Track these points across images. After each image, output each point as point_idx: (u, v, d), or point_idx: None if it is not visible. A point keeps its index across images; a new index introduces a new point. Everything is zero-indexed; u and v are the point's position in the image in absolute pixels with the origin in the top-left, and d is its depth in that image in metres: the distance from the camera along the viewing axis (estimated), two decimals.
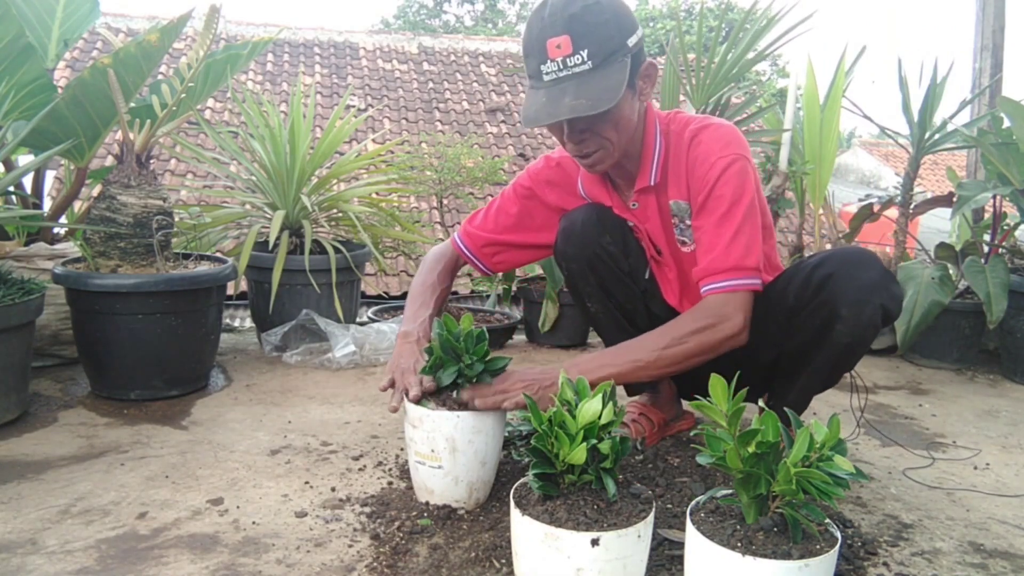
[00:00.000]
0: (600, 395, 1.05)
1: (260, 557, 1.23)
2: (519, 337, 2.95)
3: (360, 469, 1.60)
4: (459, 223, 6.51)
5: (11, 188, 2.43)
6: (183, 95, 2.12)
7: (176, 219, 2.25)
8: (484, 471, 1.39)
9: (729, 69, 2.78)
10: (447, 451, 1.34)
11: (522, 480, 1.11)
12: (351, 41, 10.20)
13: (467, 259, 1.71)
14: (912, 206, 3.01)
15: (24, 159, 2.60)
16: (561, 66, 1.30)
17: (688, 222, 1.51)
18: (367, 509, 1.40)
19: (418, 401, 1.36)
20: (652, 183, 1.50)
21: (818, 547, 0.93)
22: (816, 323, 1.44)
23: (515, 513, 1.04)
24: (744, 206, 1.39)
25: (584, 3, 1.30)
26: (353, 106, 7.78)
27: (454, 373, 1.35)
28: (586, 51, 1.29)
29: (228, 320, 3.13)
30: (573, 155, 1.46)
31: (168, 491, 1.46)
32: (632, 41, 1.34)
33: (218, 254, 2.38)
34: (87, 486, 1.47)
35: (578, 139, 1.40)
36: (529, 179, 1.67)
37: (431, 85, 9.33)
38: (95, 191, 2.40)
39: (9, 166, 2.42)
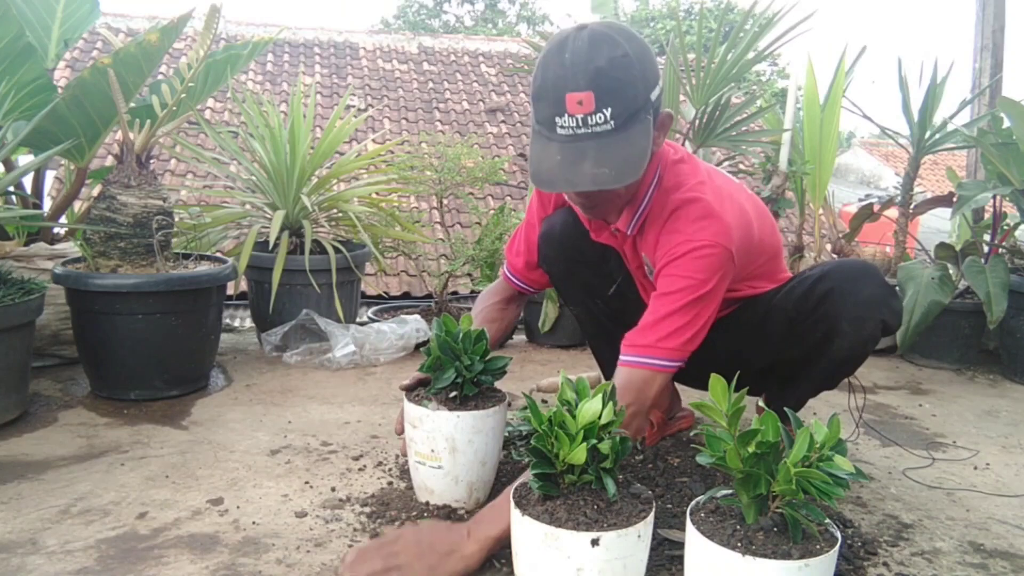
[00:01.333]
0: (600, 395, 1.05)
1: (260, 557, 1.23)
2: (519, 337, 2.95)
3: (360, 469, 1.60)
4: (459, 223, 6.53)
5: (11, 188, 2.43)
6: (183, 95, 2.12)
7: (176, 219, 2.25)
8: (484, 471, 1.39)
9: (729, 69, 2.78)
10: (447, 451, 1.34)
11: (522, 480, 1.11)
12: (351, 41, 10.20)
13: (515, 285, 1.69)
14: (912, 206, 3.01)
15: (24, 159, 2.60)
16: (580, 123, 1.19)
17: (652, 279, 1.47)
18: (367, 509, 1.40)
19: (408, 389, 1.36)
20: (629, 233, 1.45)
21: (818, 547, 0.93)
22: (816, 336, 1.44)
23: (515, 513, 1.04)
24: (695, 293, 1.30)
25: (611, 54, 1.18)
26: (353, 106, 7.79)
27: (452, 373, 1.35)
28: (610, 110, 1.18)
29: (228, 320, 3.13)
30: (573, 203, 1.41)
31: (168, 491, 1.46)
32: (655, 94, 1.25)
33: (218, 254, 2.38)
34: (87, 486, 1.47)
35: (587, 196, 1.34)
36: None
37: (431, 85, 9.33)
38: (95, 191, 2.40)
39: (9, 166, 2.41)
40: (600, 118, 1.19)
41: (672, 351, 1.30)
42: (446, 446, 1.34)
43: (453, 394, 1.37)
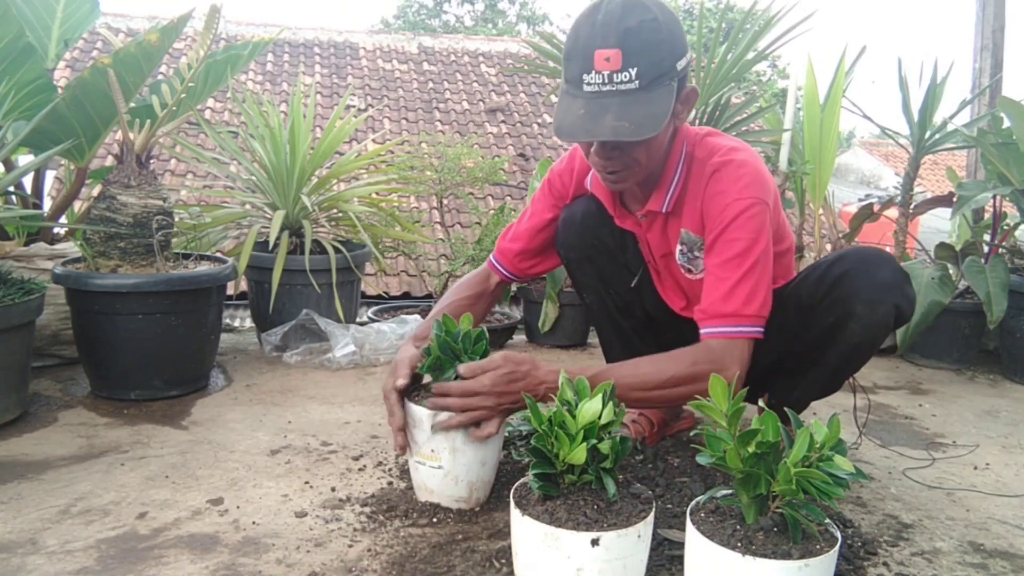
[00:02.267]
0: (600, 395, 1.05)
1: (260, 557, 1.23)
2: (519, 337, 2.95)
3: (360, 469, 1.60)
4: (459, 223, 6.52)
5: (11, 188, 2.43)
6: (183, 95, 2.12)
7: (176, 219, 2.25)
8: (484, 471, 1.39)
9: (729, 69, 2.78)
10: (447, 451, 1.34)
11: (522, 480, 1.11)
12: (351, 41, 10.20)
13: (500, 274, 1.68)
14: (912, 206, 3.01)
15: (24, 159, 2.60)
16: (606, 79, 1.22)
17: (697, 253, 1.48)
18: (367, 509, 1.40)
19: (407, 392, 1.36)
20: (664, 210, 1.45)
21: (818, 547, 0.93)
22: (829, 320, 1.44)
23: (515, 513, 1.04)
24: (755, 253, 1.34)
25: (642, 17, 1.21)
26: (353, 106, 7.79)
27: (452, 373, 1.35)
28: (635, 69, 1.21)
29: (228, 320, 3.13)
30: (596, 168, 1.40)
31: (168, 491, 1.46)
32: (681, 64, 1.27)
33: (218, 254, 2.38)
34: (87, 486, 1.47)
35: (607, 155, 1.34)
36: (559, 179, 1.64)
37: (431, 85, 9.33)
38: (95, 191, 2.40)
39: (9, 166, 2.41)
40: (626, 76, 1.22)
41: (756, 318, 1.34)
42: (446, 446, 1.34)
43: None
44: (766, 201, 1.36)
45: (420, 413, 1.35)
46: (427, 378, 1.44)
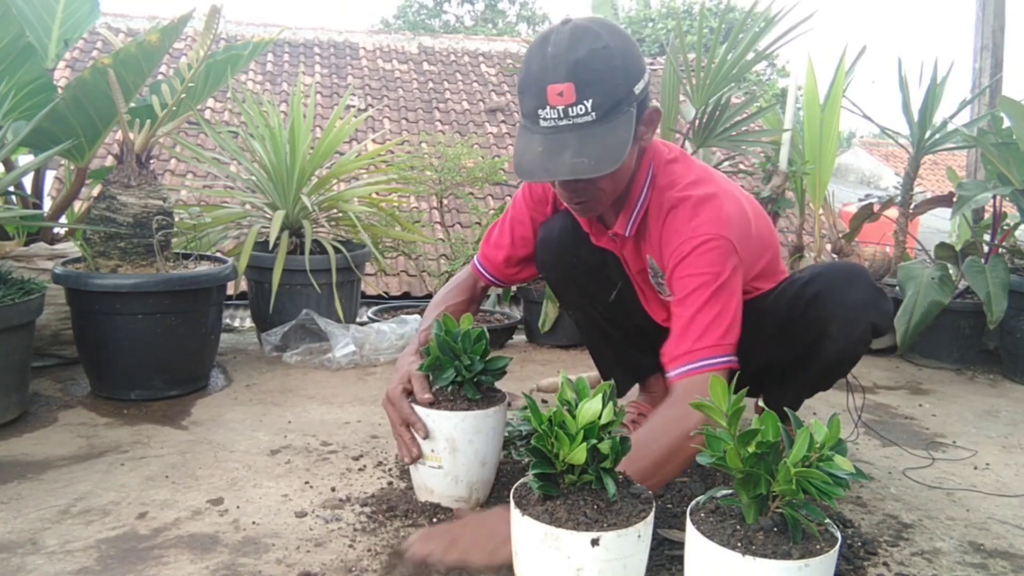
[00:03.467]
0: (600, 395, 1.04)
1: (260, 557, 1.23)
2: (519, 337, 2.95)
3: (360, 469, 1.60)
4: (459, 223, 6.52)
5: (11, 188, 2.43)
6: (183, 95, 2.12)
7: (176, 219, 2.25)
8: (484, 471, 1.39)
9: (729, 69, 2.78)
10: (447, 451, 1.34)
11: (522, 480, 1.11)
12: (351, 41, 10.20)
13: (485, 279, 1.66)
14: (912, 206, 3.01)
15: (24, 159, 2.60)
16: (561, 114, 1.20)
17: (662, 280, 1.45)
18: (367, 509, 1.40)
19: (429, 403, 1.35)
20: (627, 234, 1.44)
21: (818, 547, 0.93)
22: (807, 339, 1.44)
23: (515, 513, 1.03)
24: (715, 284, 1.28)
25: (592, 46, 1.18)
26: (353, 106, 7.78)
27: (452, 373, 1.35)
28: (591, 101, 1.18)
29: (228, 320, 3.13)
30: (563, 199, 1.39)
31: (168, 491, 1.46)
32: (639, 88, 1.24)
33: (218, 254, 2.38)
34: (87, 486, 1.47)
35: (572, 188, 1.32)
36: (534, 189, 1.63)
37: (431, 85, 9.33)
38: (95, 191, 2.40)
39: (9, 166, 2.41)
40: (581, 109, 1.19)
41: (714, 348, 1.27)
42: (446, 446, 1.34)
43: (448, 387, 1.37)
44: (724, 235, 1.30)
45: (420, 413, 1.35)
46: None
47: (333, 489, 1.49)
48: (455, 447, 1.34)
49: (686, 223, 1.32)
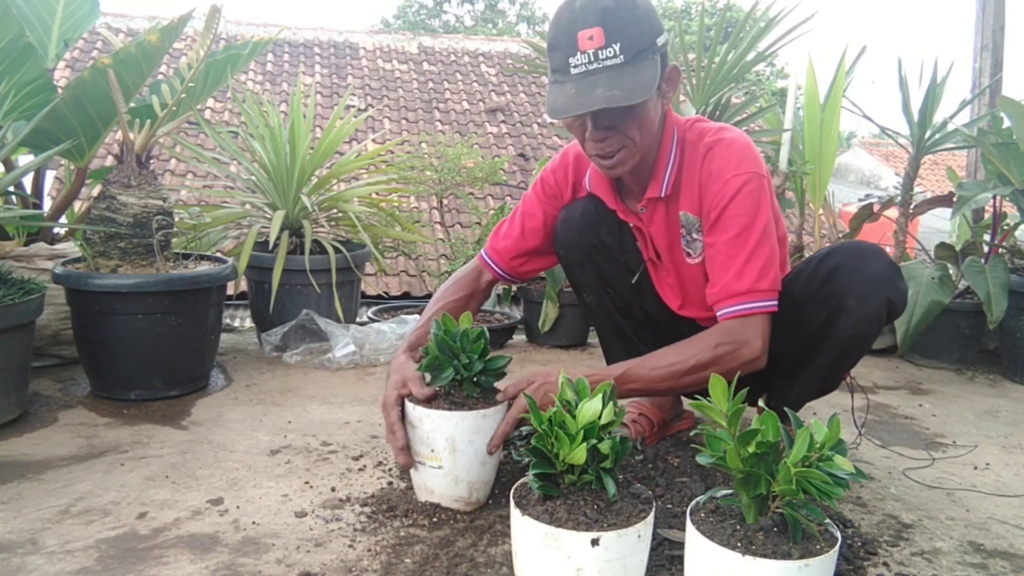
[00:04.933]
0: (600, 395, 1.05)
1: (260, 557, 1.23)
2: (519, 337, 2.95)
3: (360, 469, 1.60)
4: (459, 223, 6.53)
5: (11, 188, 2.43)
6: (183, 95, 2.12)
7: (176, 219, 2.25)
8: (484, 471, 1.39)
9: (729, 70, 2.78)
10: (447, 451, 1.34)
11: (522, 480, 1.11)
12: (351, 41, 10.20)
13: (492, 271, 1.67)
14: (912, 206, 3.01)
15: (24, 159, 2.60)
16: (592, 58, 1.27)
17: (695, 235, 1.49)
18: (367, 509, 1.40)
19: (429, 400, 1.35)
20: (663, 195, 1.47)
21: (818, 547, 0.93)
22: (823, 315, 1.44)
23: (515, 513, 1.04)
24: (759, 228, 1.37)
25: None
26: (353, 106, 7.78)
27: (451, 372, 1.35)
28: (619, 45, 1.26)
29: (228, 320, 3.13)
30: (593, 154, 1.41)
31: (168, 491, 1.46)
32: (661, 41, 1.32)
33: (218, 254, 2.38)
34: (87, 486, 1.47)
35: (601, 136, 1.35)
36: (552, 176, 1.64)
37: (431, 85, 9.33)
38: (95, 191, 2.40)
39: (9, 166, 2.42)
40: (610, 52, 1.27)
41: (769, 292, 1.37)
42: (446, 446, 1.34)
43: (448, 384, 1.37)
44: (762, 174, 1.40)
45: (420, 413, 1.35)
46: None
47: (333, 489, 1.49)
48: (455, 447, 1.34)
49: (727, 161, 1.40)
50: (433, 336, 1.35)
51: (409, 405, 1.37)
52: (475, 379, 1.38)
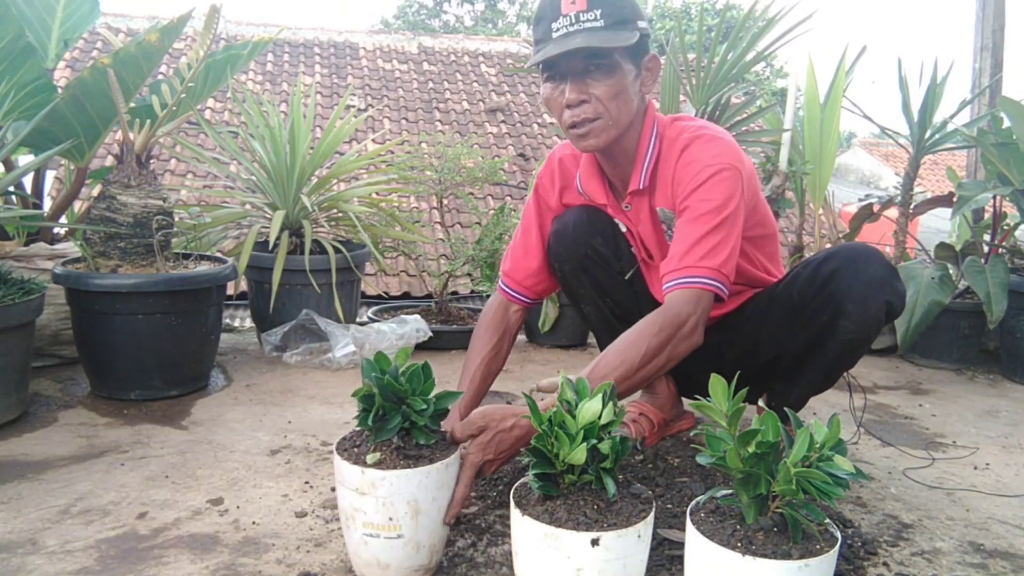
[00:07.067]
0: (600, 395, 1.04)
1: (260, 557, 1.23)
2: (519, 337, 2.95)
3: None
4: (459, 223, 6.52)
5: (11, 188, 2.43)
6: (183, 95, 2.12)
7: (176, 219, 2.25)
8: (444, 531, 1.18)
9: (729, 69, 2.78)
10: (408, 516, 1.10)
11: (522, 480, 1.11)
12: (351, 41, 10.20)
13: (515, 300, 1.65)
14: (912, 206, 3.01)
15: (24, 159, 2.60)
16: (573, 20, 1.31)
17: (674, 231, 1.49)
18: None
19: (345, 454, 1.13)
20: (641, 187, 1.48)
21: (818, 547, 0.93)
22: (821, 319, 1.45)
23: (515, 513, 1.03)
24: (724, 213, 1.35)
25: None
26: (353, 106, 7.78)
27: (399, 420, 1.12)
28: (600, 10, 1.31)
29: (228, 320, 3.13)
30: (568, 125, 1.40)
31: (168, 491, 1.46)
32: (642, 24, 1.35)
33: (218, 254, 2.38)
34: (87, 486, 1.47)
35: (577, 99, 1.36)
36: (540, 187, 1.65)
37: (431, 85, 9.33)
38: (95, 191, 2.40)
39: (9, 166, 2.42)
40: (591, 16, 1.31)
41: (713, 271, 1.33)
42: (407, 510, 1.09)
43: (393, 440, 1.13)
44: (738, 168, 1.39)
45: (373, 477, 1.08)
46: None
47: (333, 489, 1.49)
48: (418, 509, 1.10)
49: (702, 153, 1.40)
50: (375, 380, 1.12)
51: (353, 469, 1.09)
52: (424, 425, 1.15)
